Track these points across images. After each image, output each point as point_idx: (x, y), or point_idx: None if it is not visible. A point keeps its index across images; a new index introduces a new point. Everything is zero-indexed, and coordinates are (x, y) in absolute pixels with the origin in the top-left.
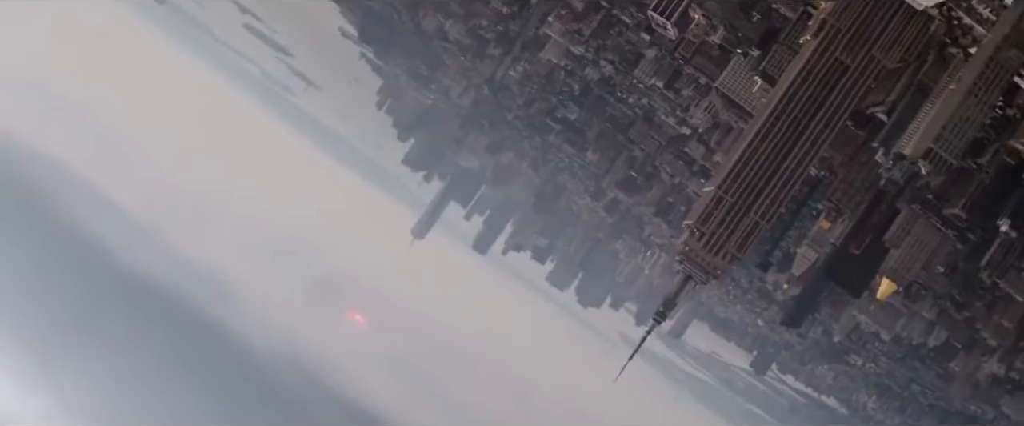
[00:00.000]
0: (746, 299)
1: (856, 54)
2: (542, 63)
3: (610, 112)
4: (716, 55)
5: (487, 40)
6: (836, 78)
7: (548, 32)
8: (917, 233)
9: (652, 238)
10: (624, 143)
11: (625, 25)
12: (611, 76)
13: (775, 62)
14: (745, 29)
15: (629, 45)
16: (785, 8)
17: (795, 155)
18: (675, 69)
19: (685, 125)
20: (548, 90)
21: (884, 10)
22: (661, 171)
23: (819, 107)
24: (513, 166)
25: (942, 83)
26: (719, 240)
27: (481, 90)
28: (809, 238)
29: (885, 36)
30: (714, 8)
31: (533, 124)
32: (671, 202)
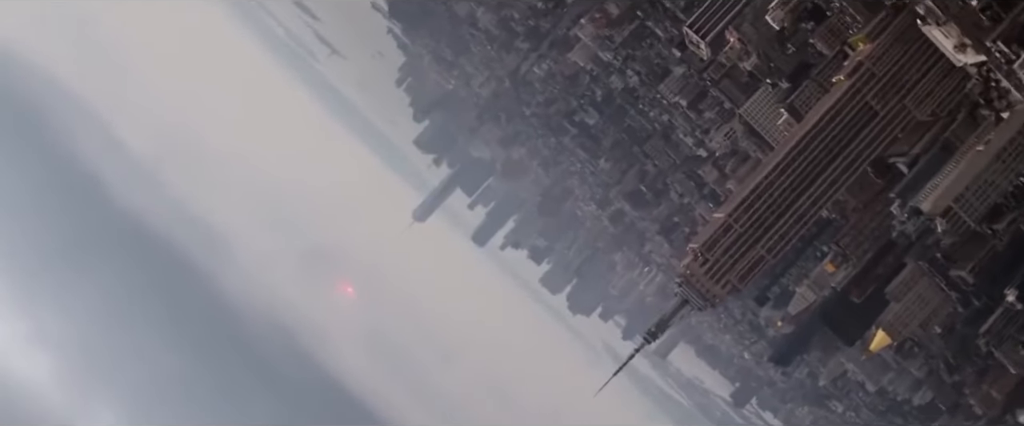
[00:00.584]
0: (736, 330)
1: (887, 101)
2: (568, 64)
3: (629, 123)
4: (745, 82)
5: (516, 33)
6: (863, 123)
7: (579, 34)
8: (920, 290)
9: (652, 255)
10: (638, 156)
11: (657, 38)
12: (635, 87)
13: (804, 97)
14: (778, 60)
15: (658, 59)
16: (822, 45)
17: (811, 194)
18: (701, 90)
19: (702, 147)
20: (570, 92)
21: (922, 62)
22: (671, 189)
23: (842, 149)
24: (524, 163)
25: (969, 143)
26: (722, 268)
27: (503, 82)
28: (810, 279)
29: (919, 88)
30: (751, 34)
31: (550, 124)
32: (676, 222)
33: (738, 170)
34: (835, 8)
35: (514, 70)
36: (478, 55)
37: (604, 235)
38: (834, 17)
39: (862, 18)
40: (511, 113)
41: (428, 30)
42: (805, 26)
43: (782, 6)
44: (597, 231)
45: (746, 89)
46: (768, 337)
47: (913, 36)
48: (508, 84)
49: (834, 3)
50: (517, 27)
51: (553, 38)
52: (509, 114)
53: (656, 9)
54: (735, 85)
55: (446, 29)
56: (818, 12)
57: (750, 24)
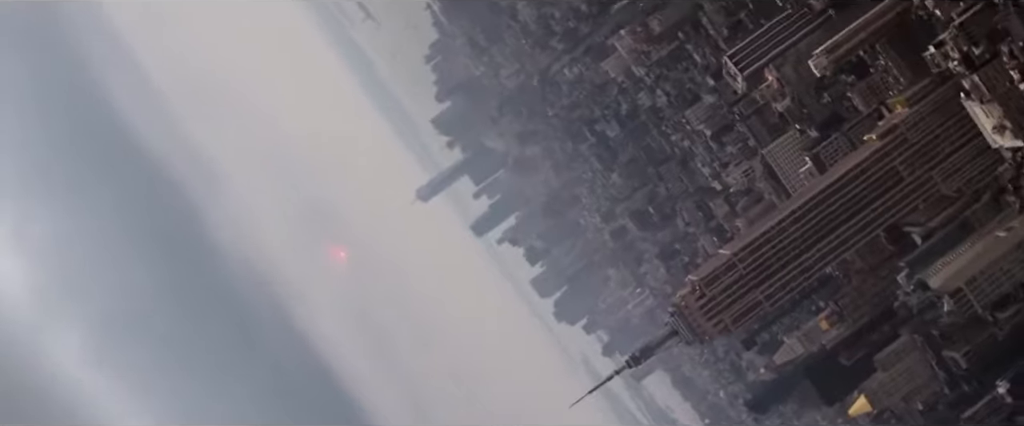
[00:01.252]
0: (717, 367)
1: (915, 169)
2: (600, 72)
3: (649, 142)
4: (773, 122)
5: (554, 32)
6: (888, 187)
7: (616, 44)
8: (910, 363)
9: (647, 277)
10: (652, 176)
11: (694, 63)
12: (662, 107)
13: (831, 150)
14: (812, 107)
15: (691, 83)
16: (859, 100)
17: (821, 249)
18: (728, 122)
19: (718, 180)
20: (596, 100)
21: (958, 136)
22: (678, 216)
23: (860, 210)
24: (536, 161)
25: (990, 227)
26: (718, 306)
27: (531, 78)
28: (802, 331)
29: (950, 162)
30: (790, 76)
31: (570, 128)
32: (677, 249)
33: (750, 210)
34: (879, 66)
35: (544, 68)
36: (511, 47)
37: (603, 248)
38: (877, 75)
39: (905, 81)
40: (533, 110)
41: (467, 12)
42: (846, 78)
43: (827, 54)
44: (597, 243)
45: (773, 130)
46: (747, 381)
47: (953, 109)
48: (536, 81)
49: (879, 61)
50: (556, 26)
51: (590, 44)
52: (531, 111)
53: (698, 34)
54: (763, 124)
55: (485, 15)
56: (862, 67)
57: (791, 66)
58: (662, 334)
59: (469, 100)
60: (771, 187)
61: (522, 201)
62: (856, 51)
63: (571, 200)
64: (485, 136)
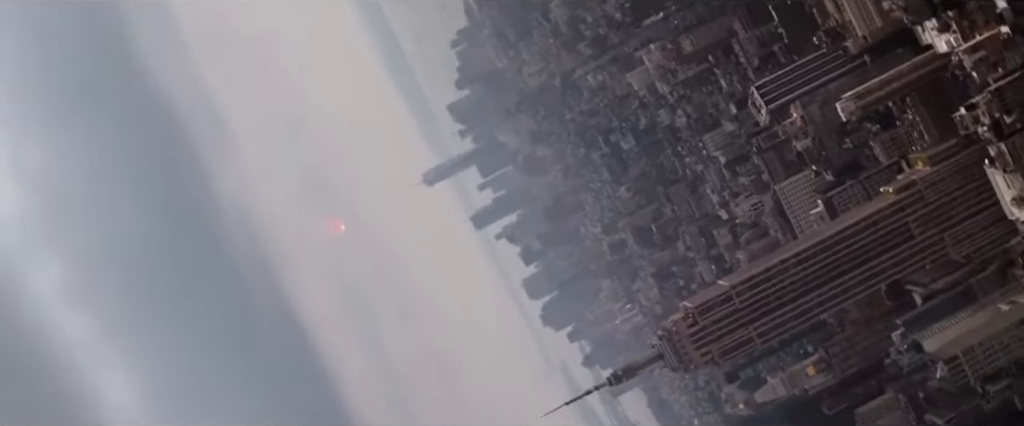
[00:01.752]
0: (695, 395)
1: (927, 229)
2: (623, 84)
3: (661, 161)
4: (790, 160)
5: (583, 37)
6: (897, 242)
7: (644, 58)
8: (891, 422)
9: (639, 295)
10: (659, 195)
11: (719, 88)
12: (681, 128)
13: (844, 196)
14: (832, 151)
15: (713, 108)
16: (881, 151)
17: (820, 295)
18: (744, 153)
19: (725, 209)
20: (615, 111)
21: (975, 202)
22: (680, 239)
23: (866, 261)
24: (546, 163)
25: (993, 298)
26: (708, 337)
27: (553, 79)
28: (786, 373)
29: (963, 226)
30: (815, 116)
31: (585, 135)
32: (673, 272)
33: (753, 243)
34: (906, 120)
35: (568, 71)
36: (538, 45)
37: (599, 259)
38: (902, 128)
39: (930, 139)
40: (550, 111)
41: (499, 3)
42: (870, 127)
43: (856, 99)
44: (594, 253)
45: (789, 168)
46: (724, 413)
47: (975, 174)
48: (558, 82)
49: (907, 115)
50: (586, 31)
51: (617, 53)
52: (548, 111)
53: (729, 60)
54: (780, 160)
55: (516, 9)
56: (888, 118)
57: (818, 106)
58: (647, 356)
59: (488, 91)
60: (778, 224)
61: (526, 200)
62: (886, 101)
63: (575, 206)
64: (499, 130)
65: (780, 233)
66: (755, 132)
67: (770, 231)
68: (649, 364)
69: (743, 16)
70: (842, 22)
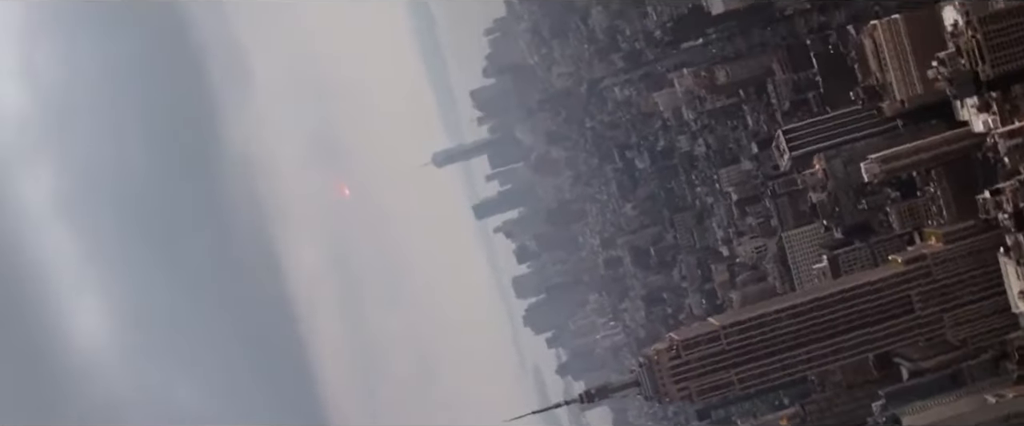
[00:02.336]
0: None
1: (929, 306)
2: (649, 102)
3: (673, 186)
4: (803, 210)
5: (619, 47)
6: (895, 313)
7: (675, 80)
8: None
9: (625, 315)
10: (664, 220)
11: (745, 125)
12: (698, 157)
13: (850, 257)
14: (846, 209)
15: (734, 144)
16: (896, 219)
17: (809, 352)
18: (757, 194)
19: (728, 246)
20: (636, 128)
21: (982, 288)
22: (677, 267)
23: (861, 326)
24: (557, 166)
25: (981, 387)
26: (689, 373)
27: (580, 84)
28: (758, 422)
29: (965, 310)
30: (837, 171)
31: (601, 146)
32: (664, 298)
33: (748, 286)
34: (928, 192)
35: (597, 79)
36: (572, 48)
37: (592, 272)
38: (922, 199)
39: (948, 216)
40: (572, 115)
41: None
42: (890, 192)
43: (881, 163)
44: (588, 264)
45: (800, 218)
46: None
47: (987, 260)
48: (584, 88)
49: (930, 187)
50: (622, 42)
51: (650, 71)
52: (569, 115)
53: (760, 99)
54: (792, 208)
55: (557, 8)
56: (910, 186)
57: (842, 162)
58: (624, 380)
59: (513, 84)
60: (778, 272)
61: (531, 198)
62: (911, 169)
63: (578, 214)
64: (517, 124)
65: (778, 281)
66: (773, 175)
67: (768, 277)
68: (625, 388)
69: (783, 57)
70: (882, 82)
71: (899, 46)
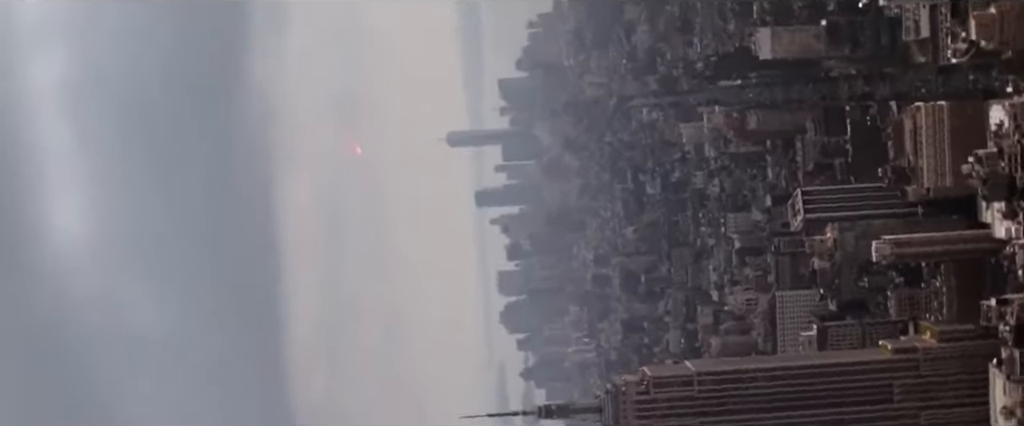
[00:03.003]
0: None
1: (908, 400)
2: (674, 131)
3: (678, 219)
4: (802, 273)
5: (656, 70)
6: (873, 400)
7: (705, 115)
8: None
9: (601, 335)
10: (662, 251)
11: (764, 176)
12: (710, 197)
13: (840, 332)
14: (846, 283)
15: (749, 192)
16: (894, 304)
17: (778, 418)
18: (760, 247)
19: (719, 291)
20: (654, 153)
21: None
22: (663, 299)
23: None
24: (568, 172)
25: None
26: (654, 412)
27: (610, 97)
28: None
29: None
30: (847, 244)
31: (616, 163)
32: (643, 327)
33: (730, 335)
34: (933, 286)
35: (627, 96)
36: (610, 59)
37: (579, 285)
38: (925, 292)
39: (947, 314)
40: (593, 126)
41: (589, 4)
42: (895, 277)
43: (894, 246)
44: (576, 276)
45: (797, 280)
46: None
47: (977, 367)
48: (613, 102)
49: (936, 281)
50: (661, 66)
51: (681, 100)
52: (591, 125)
53: (786, 154)
54: (792, 269)
55: (604, 16)
56: (916, 275)
57: (854, 236)
58: (587, 404)
59: (544, 82)
60: (764, 329)
61: (535, 198)
62: (921, 259)
63: (578, 224)
64: (538, 122)
65: (761, 338)
66: (781, 232)
67: (753, 332)
68: (586, 412)
69: (818, 118)
70: (913, 165)
71: (938, 133)
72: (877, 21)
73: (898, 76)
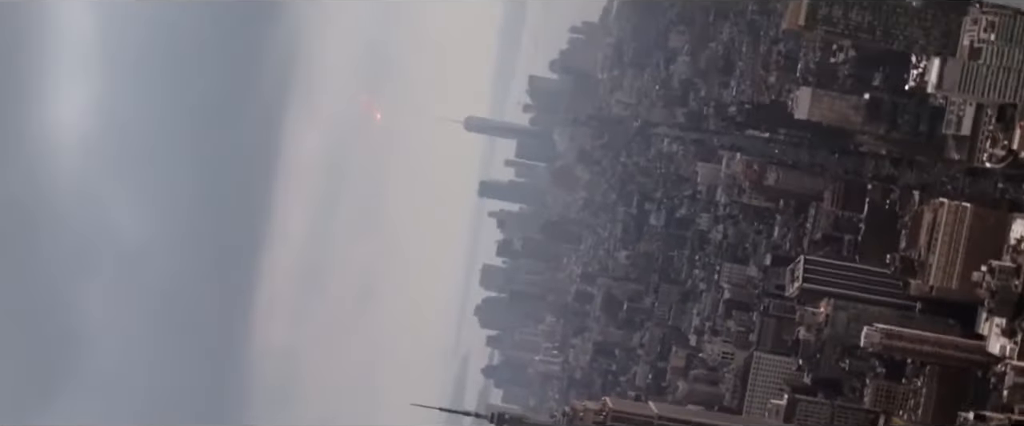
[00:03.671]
0: None
1: None
2: (690, 168)
3: (674, 255)
4: (785, 339)
5: (686, 102)
6: None
7: (726, 159)
8: None
9: (570, 350)
10: (650, 283)
11: (769, 234)
12: (711, 241)
13: (810, 408)
14: (826, 362)
15: (751, 246)
16: (871, 394)
17: None
18: (749, 303)
19: (698, 337)
20: (666, 185)
21: None
22: (640, 331)
23: None
24: (576, 184)
25: None
26: None
27: (634, 120)
28: None
29: None
30: (838, 322)
31: (626, 186)
32: (614, 354)
33: (699, 383)
34: (914, 385)
35: (652, 123)
36: (644, 82)
37: (561, 296)
38: (904, 388)
39: (922, 416)
40: (612, 144)
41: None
42: (877, 367)
43: (884, 336)
44: (560, 288)
45: (778, 345)
46: None
47: None
48: (636, 125)
49: (918, 381)
50: (692, 100)
51: (705, 139)
52: (610, 143)
53: (796, 217)
54: (775, 332)
55: (648, 39)
56: (899, 370)
57: (846, 316)
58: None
59: (573, 89)
60: (734, 385)
61: (537, 201)
62: (908, 355)
63: (573, 237)
64: (558, 127)
65: (730, 393)
66: (773, 293)
67: (721, 385)
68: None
69: (837, 189)
70: (922, 259)
71: (956, 234)
72: (920, 107)
73: (928, 166)
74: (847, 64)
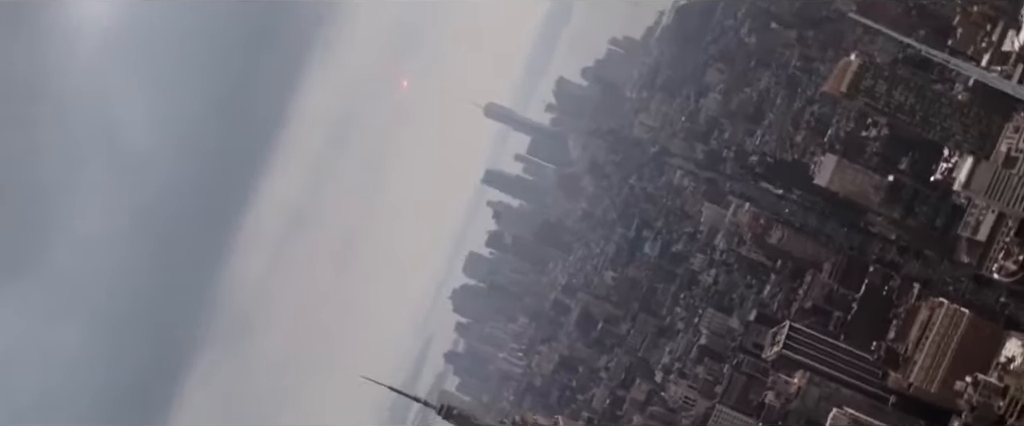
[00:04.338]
0: None
1: None
2: (697, 206)
3: (659, 288)
4: (751, 399)
5: (708, 140)
6: None
7: (734, 206)
8: None
9: (535, 356)
10: (630, 310)
11: (759, 290)
12: (699, 282)
13: None
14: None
15: (738, 297)
16: None
17: None
18: (722, 354)
19: (664, 375)
20: (668, 217)
21: None
22: (610, 354)
23: None
24: (579, 195)
25: None
26: None
27: (652, 145)
28: None
29: None
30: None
31: (627, 208)
32: (578, 371)
33: (653, 420)
34: None
35: (668, 152)
36: (672, 111)
37: (538, 301)
38: None
39: None
40: (624, 163)
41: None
42: None
43: (850, 422)
44: (539, 293)
45: (742, 403)
46: None
47: None
48: (653, 151)
49: None
50: (714, 139)
51: (718, 181)
52: (622, 161)
53: (791, 281)
54: (742, 390)
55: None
56: None
57: (819, 392)
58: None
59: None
60: None
61: (538, 202)
62: None
63: (564, 246)
64: (575, 134)
65: None
66: (749, 351)
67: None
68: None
69: (838, 264)
70: (907, 355)
71: (948, 337)
72: (941, 201)
73: (934, 262)
74: (878, 141)
